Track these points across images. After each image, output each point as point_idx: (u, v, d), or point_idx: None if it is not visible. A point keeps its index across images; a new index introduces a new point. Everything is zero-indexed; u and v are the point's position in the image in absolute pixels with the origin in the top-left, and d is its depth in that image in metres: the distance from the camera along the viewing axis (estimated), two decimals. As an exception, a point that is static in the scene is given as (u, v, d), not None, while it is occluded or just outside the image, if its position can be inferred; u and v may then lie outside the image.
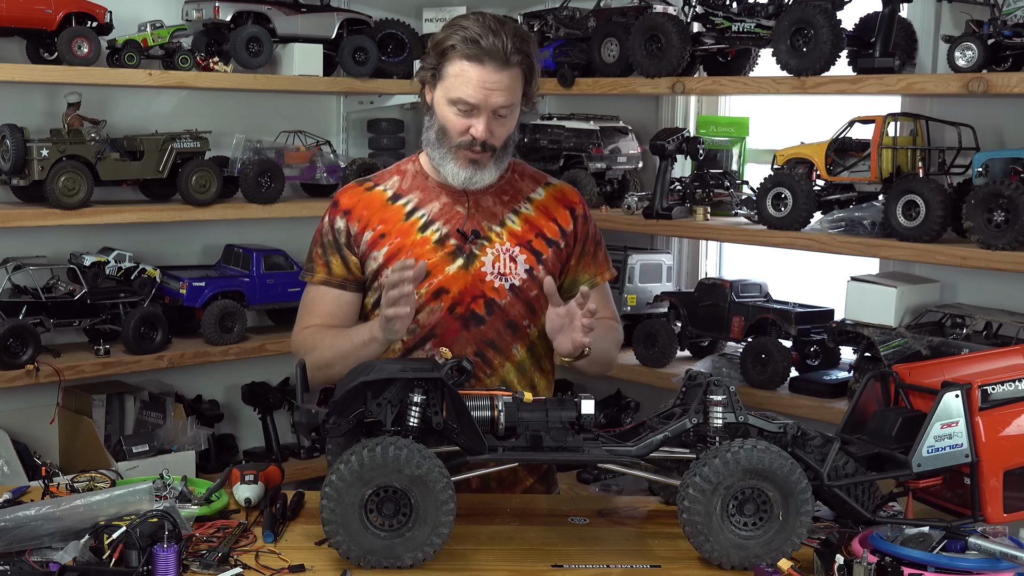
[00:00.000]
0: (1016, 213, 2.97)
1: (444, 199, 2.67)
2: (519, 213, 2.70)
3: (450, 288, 2.61)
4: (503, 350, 2.65)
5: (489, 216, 2.67)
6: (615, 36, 4.00)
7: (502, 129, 2.58)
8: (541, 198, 2.73)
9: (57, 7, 3.65)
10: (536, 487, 2.74)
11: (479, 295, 2.62)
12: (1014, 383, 2.21)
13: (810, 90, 3.43)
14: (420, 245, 2.63)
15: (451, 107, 2.55)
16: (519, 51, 2.52)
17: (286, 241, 4.39)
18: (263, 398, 4.33)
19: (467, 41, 2.49)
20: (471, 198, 2.67)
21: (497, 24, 2.52)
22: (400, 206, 2.68)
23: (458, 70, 2.51)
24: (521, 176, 2.75)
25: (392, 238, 2.65)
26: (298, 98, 4.57)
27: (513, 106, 2.57)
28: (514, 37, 2.51)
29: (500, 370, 2.65)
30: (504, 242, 2.65)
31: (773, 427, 2.21)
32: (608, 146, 4.15)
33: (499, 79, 2.50)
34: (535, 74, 2.60)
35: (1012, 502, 2.20)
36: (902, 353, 3.23)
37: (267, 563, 2.10)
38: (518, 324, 2.66)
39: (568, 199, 2.76)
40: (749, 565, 2.09)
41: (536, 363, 2.72)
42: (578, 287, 2.68)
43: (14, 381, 3.57)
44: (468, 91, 2.51)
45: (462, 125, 2.55)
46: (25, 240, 3.89)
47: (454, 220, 2.65)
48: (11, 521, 2.07)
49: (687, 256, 4.43)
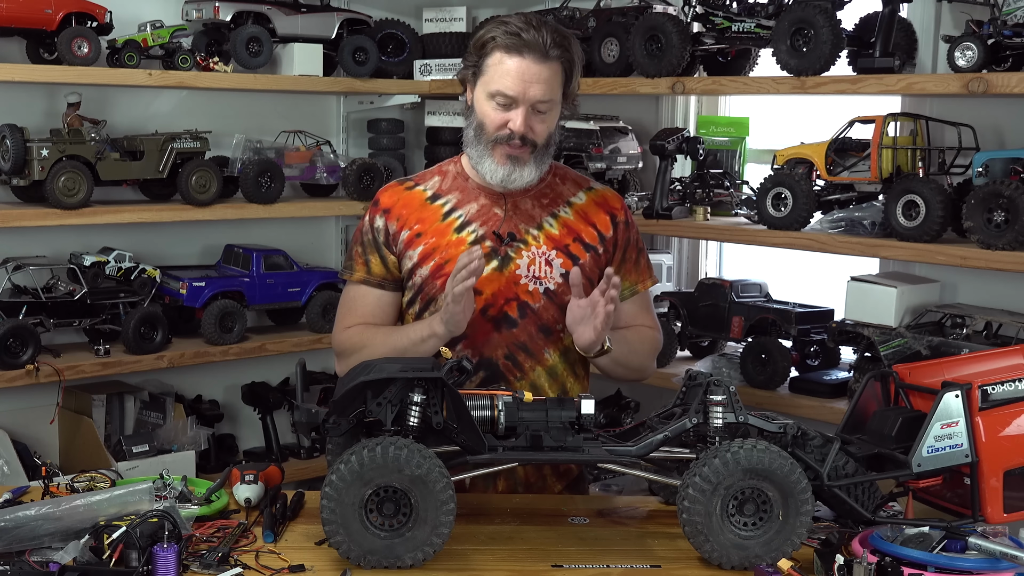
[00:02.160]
0: (1016, 213, 2.97)
1: (483, 200, 2.66)
2: (557, 217, 2.68)
3: (483, 290, 2.59)
4: (535, 354, 2.63)
5: (527, 219, 2.65)
6: (615, 36, 4.00)
7: (541, 126, 2.56)
8: (582, 203, 2.71)
9: (57, 7, 3.65)
10: (564, 493, 2.71)
11: (512, 298, 2.61)
12: (1014, 383, 2.21)
13: (810, 90, 3.43)
14: (455, 246, 2.62)
15: (490, 101, 2.55)
16: (559, 46, 2.53)
17: (286, 241, 4.40)
18: (263, 398, 4.33)
19: (508, 34, 2.51)
20: (509, 201, 2.66)
21: (538, 21, 2.54)
22: (439, 206, 2.67)
23: (497, 61, 2.52)
24: (563, 180, 2.74)
25: (428, 238, 2.64)
26: (298, 98, 4.57)
27: (552, 103, 2.56)
28: (554, 33, 2.53)
29: (531, 374, 2.63)
30: (540, 245, 2.63)
31: (773, 427, 2.21)
32: (608, 146, 4.15)
33: (538, 71, 2.50)
34: (575, 72, 2.60)
35: (1012, 502, 2.20)
36: (902, 353, 3.23)
37: (267, 563, 2.10)
38: (551, 328, 2.63)
39: (609, 204, 2.74)
40: (749, 565, 2.09)
41: (570, 368, 2.69)
42: (620, 295, 2.66)
43: (14, 381, 3.57)
44: (507, 82, 2.51)
45: (500, 119, 2.54)
46: (25, 240, 3.89)
47: (491, 222, 2.64)
48: (11, 521, 2.07)
49: (687, 256, 4.43)
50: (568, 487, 2.73)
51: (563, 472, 2.70)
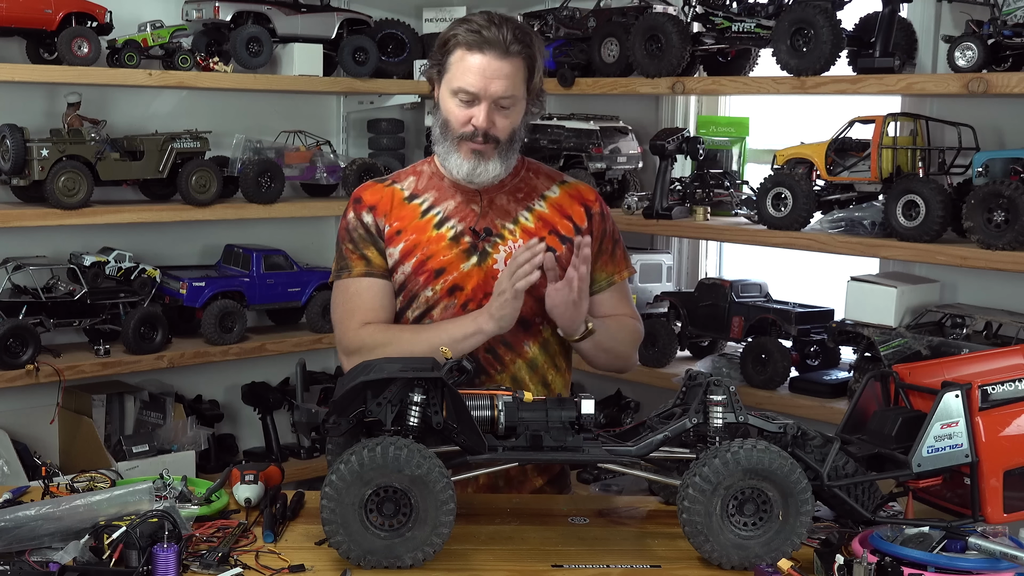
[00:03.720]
0: (1016, 213, 2.97)
1: (459, 198, 2.68)
2: (532, 210, 2.70)
3: (464, 285, 2.62)
4: (514, 347, 2.65)
5: (502, 214, 2.68)
6: (615, 36, 4.00)
7: (504, 121, 2.58)
8: (556, 196, 2.73)
9: (57, 7, 3.65)
10: (546, 489, 2.73)
11: (491, 292, 2.61)
12: (1014, 383, 2.20)
13: (810, 90, 3.43)
14: (435, 242, 2.64)
15: (453, 98, 2.58)
16: (520, 42, 2.55)
17: (286, 241, 4.40)
18: (263, 398, 4.33)
19: (469, 32, 2.54)
20: (485, 197, 2.68)
21: (500, 18, 2.57)
22: (416, 205, 2.69)
23: (459, 59, 2.55)
24: (536, 174, 2.76)
25: (409, 234, 2.66)
26: (298, 98, 4.57)
27: (515, 98, 2.58)
28: (516, 29, 2.55)
29: (511, 367, 2.65)
30: (517, 239, 2.65)
31: (773, 427, 2.21)
32: (608, 146, 4.15)
33: (499, 67, 2.53)
34: (537, 68, 2.62)
35: (1012, 502, 2.20)
36: (902, 353, 3.23)
37: (267, 563, 2.10)
38: (531, 321, 2.65)
39: (584, 197, 2.76)
40: (749, 565, 2.09)
41: (551, 361, 2.71)
42: (597, 285, 2.72)
43: (14, 381, 3.57)
44: (468, 79, 2.54)
45: (464, 116, 2.57)
46: (25, 240, 3.89)
47: (468, 218, 2.66)
48: (11, 521, 2.07)
49: (687, 256, 4.43)
50: (550, 482, 2.74)
51: (544, 467, 2.70)
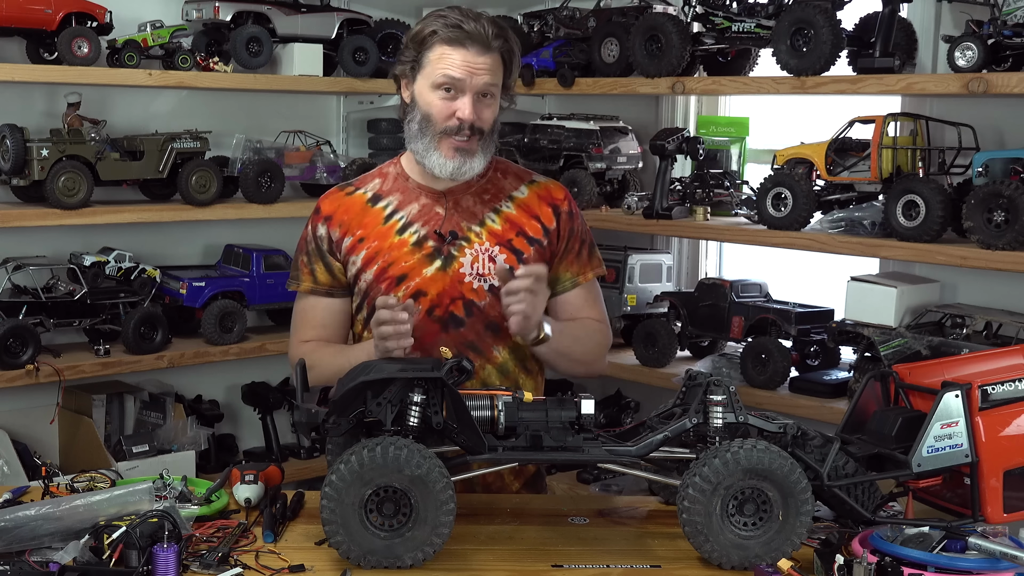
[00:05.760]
0: (1016, 213, 2.97)
1: (423, 200, 2.65)
2: (500, 212, 2.66)
3: (428, 290, 2.59)
4: (484, 352, 2.62)
5: (468, 216, 2.64)
6: (615, 36, 4.00)
7: (488, 111, 2.57)
8: (524, 196, 2.70)
9: (57, 7, 3.65)
10: (522, 492, 2.72)
11: (458, 296, 2.60)
12: (1014, 383, 2.21)
13: (810, 90, 3.43)
14: (398, 248, 2.62)
15: (435, 92, 2.54)
16: (499, 37, 2.54)
17: (286, 241, 4.38)
18: (263, 398, 4.33)
19: (448, 27, 2.52)
20: (450, 199, 2.65)
21: (475, 13, 2.55)
22: (380, 209, 2.67)
23: (440, 54, 2.52)
24: (504, 174, 2.73)
25: (371, 242, 2.64)
26: (298, 98, 4.57)
27: (497, 87, 2.57)
28: (493, 25, 2.54)
29: (481, 372, 2.61)
30: (483, 242, 2.62)
31: (773, 427, 2.21)
32: (608, 146, 4.15)
33: (483, 61, 2.52)
34: (515, 63, 2.61)
35: (1012, 502, 2.20)
36: (902, 353, 3.23)
37: (267, 563, 2.10)
38: (499, 325, 2.60)
39: (552, 196, 2.72)
40: (749, 565, 2.09)
41: (521, 364, 2.68)
42: (561, 285, 2.68)
43: (14, 381, 3.57)
44: (453, 72, 2.51)
45: (448, 109, 2.54)
46: (25, 240, 3.89)
47: (432, 221, 2.63)
48: (11, 521, 2.07)
49: (687, 256, 4.43)
50: (526, 486, 2.73)
51: (519, 471, 2.68)
